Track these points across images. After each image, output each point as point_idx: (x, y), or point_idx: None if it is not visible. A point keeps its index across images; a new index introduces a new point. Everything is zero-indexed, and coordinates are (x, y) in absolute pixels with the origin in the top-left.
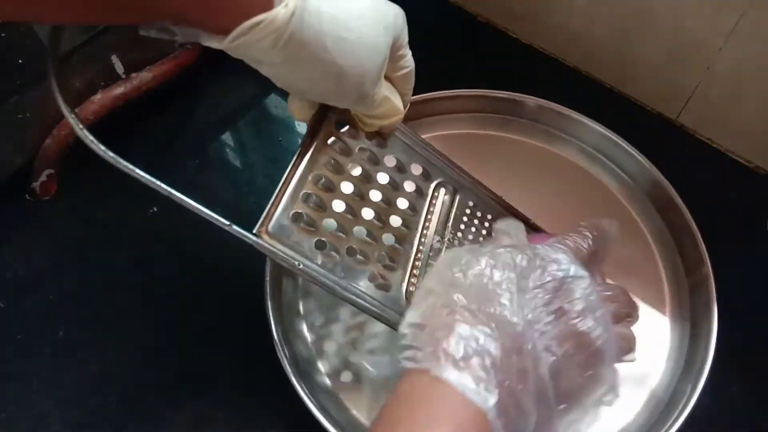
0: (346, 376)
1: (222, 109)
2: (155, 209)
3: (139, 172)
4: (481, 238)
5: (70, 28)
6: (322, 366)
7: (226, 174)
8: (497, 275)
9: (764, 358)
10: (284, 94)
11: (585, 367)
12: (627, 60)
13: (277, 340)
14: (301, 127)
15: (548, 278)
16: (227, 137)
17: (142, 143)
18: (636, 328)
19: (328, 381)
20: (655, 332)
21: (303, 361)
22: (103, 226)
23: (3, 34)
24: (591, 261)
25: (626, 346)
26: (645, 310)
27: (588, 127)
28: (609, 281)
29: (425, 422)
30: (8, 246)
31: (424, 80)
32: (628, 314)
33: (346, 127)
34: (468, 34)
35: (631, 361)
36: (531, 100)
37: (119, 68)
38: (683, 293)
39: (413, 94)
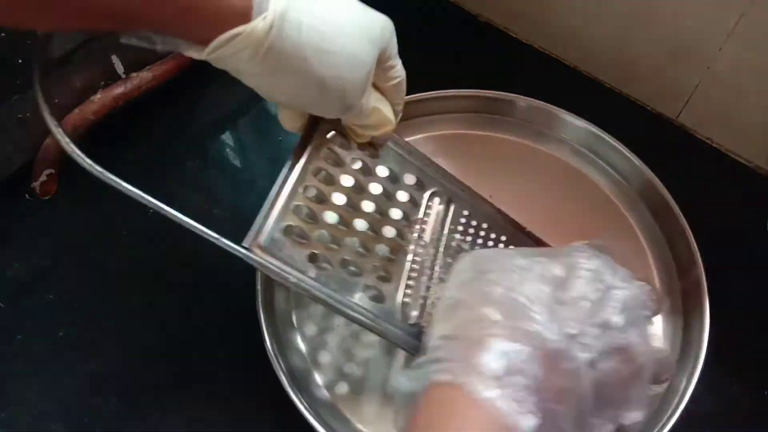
0: (343, 387)
1: (222, 109)
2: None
3: (125, 185)
4: (476, 248)
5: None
6: (318, 376)
7: (226, 174)
8: (530, 290)
9: (760, 359)
10: None
11: (625, 385)
12: (627, 60)
13: (271, 353)
14: None
15: (590, 289)
16: (227, 137)
17: (143, 143)
18: None
19: (325, 391)
20: None
21: (299, 370)
22: (103, 226)
23: (3, 34)
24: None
25: (661, 372)
26: None
27: (577, 126)
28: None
29: None
30: (8, 246)
31: (424, 80)
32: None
33: (338, 139)
34: (468, 34)
35: (663, 388)
36: (521, 100)
37: (119, 68)
38: (675, 292)
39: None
